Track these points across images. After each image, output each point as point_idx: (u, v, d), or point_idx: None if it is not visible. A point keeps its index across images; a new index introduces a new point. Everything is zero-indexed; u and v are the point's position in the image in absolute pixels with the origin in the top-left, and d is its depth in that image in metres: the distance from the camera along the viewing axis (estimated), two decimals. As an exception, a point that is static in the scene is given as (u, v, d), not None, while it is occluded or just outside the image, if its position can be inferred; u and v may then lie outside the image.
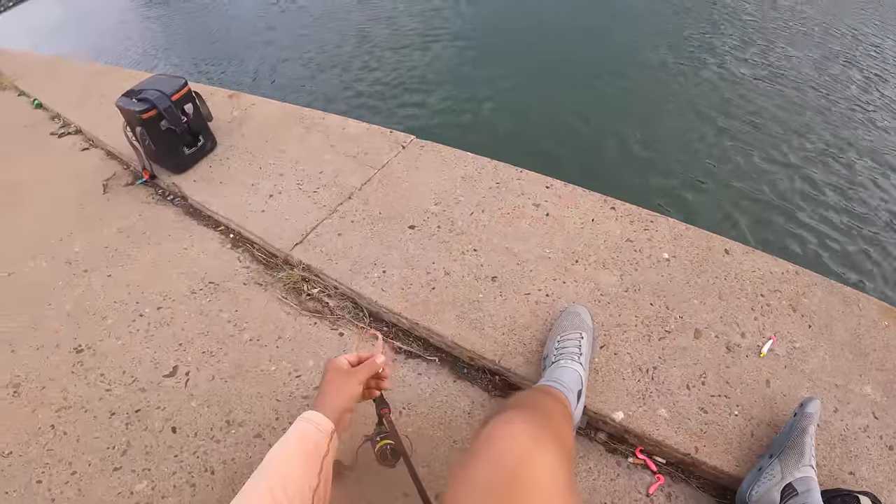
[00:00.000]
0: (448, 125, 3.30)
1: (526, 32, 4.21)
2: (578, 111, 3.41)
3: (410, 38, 4.22)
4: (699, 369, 1.30)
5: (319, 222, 1.61)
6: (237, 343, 1.46)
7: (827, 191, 3.31)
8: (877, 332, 1.47)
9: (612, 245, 1.46)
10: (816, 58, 4.31)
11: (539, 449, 0.69)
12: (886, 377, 1.39)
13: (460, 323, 1.34)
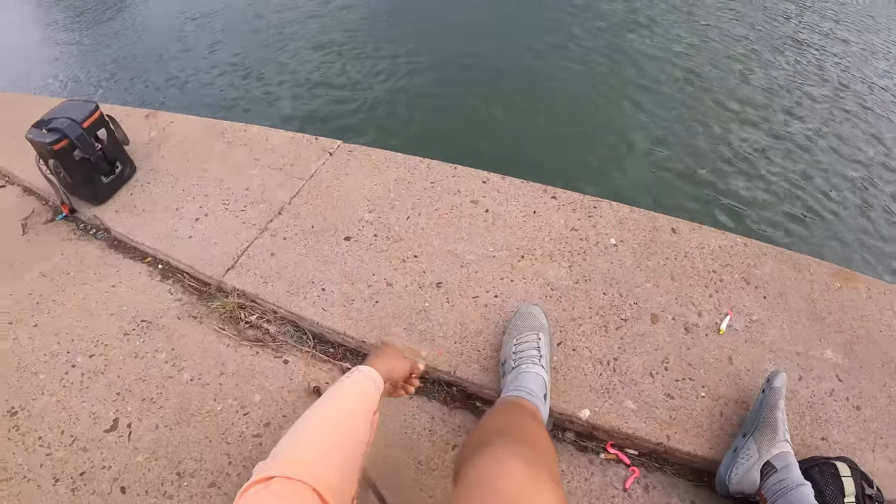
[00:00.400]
0: (375, 126, 3.21)
1: (445, 29, 4.12)
2: (504, 102, 3.37)
3: (328, 40, 4.07)
4: (660, 355, 1.26)
5: (250, 243, 1.51)
6: (177, 385, 1.36)
7: (761, 160, 3.36)
8: (830, 295, 1.47)
9: (557, 236, 1.40)
10: (730, 27, 4.34)
11: (537, 488, 0.65)
12: (845, 338, 1.38)
13: (409, 336, 1.27)
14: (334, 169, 1.62)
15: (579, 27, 4.08)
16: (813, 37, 4.44)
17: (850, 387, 1.33)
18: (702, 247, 1.45)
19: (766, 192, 3.09)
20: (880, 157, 3.60)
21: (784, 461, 1.07)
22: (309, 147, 1.71)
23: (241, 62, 3.97)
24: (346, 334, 1.31)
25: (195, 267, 1.56)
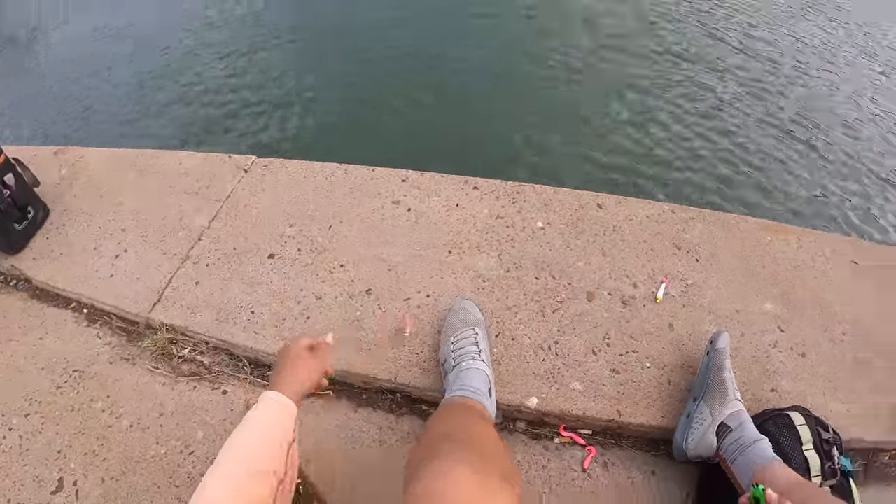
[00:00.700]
0: (289, 136, 3.12)
1: (348, 29, 4.03)
2: (417, 97, 3.32)
3: (230, 52, 3.92)
4: (601, 332, 1.26)
5: (173, 274, 1.45)
6: (118, 434, 1.31)
7: (675, 124, 3.40)
8: (762, 250, 1.48)
9: (482, 227, 1.38)
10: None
11: (487, 496, 0.65)
12: (781, 289, 1.39)
13: (345, 348, 1.24)
14: (251, 186, 1.56)
15: (483, 17, 4.05)
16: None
17: (792, 336, 1.35)
18: (630, 218, 1.45)
19: (689, 158, 3.14)
20: (791, 111, 3.71)
21: (738, 420, 1.08)
22: (223, 166, 1.64)
23: (145, 85, 3.82)
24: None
25: (120, 307, 1.49)
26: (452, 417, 0.95)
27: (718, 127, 3.44)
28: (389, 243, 1.38)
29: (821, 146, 3.43)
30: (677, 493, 1.14)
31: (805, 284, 1.49)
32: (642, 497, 1.14)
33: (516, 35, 3.82)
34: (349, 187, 1.51)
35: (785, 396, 1.28)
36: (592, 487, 1.14)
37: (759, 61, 4.04)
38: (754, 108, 3.60)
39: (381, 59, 3.61)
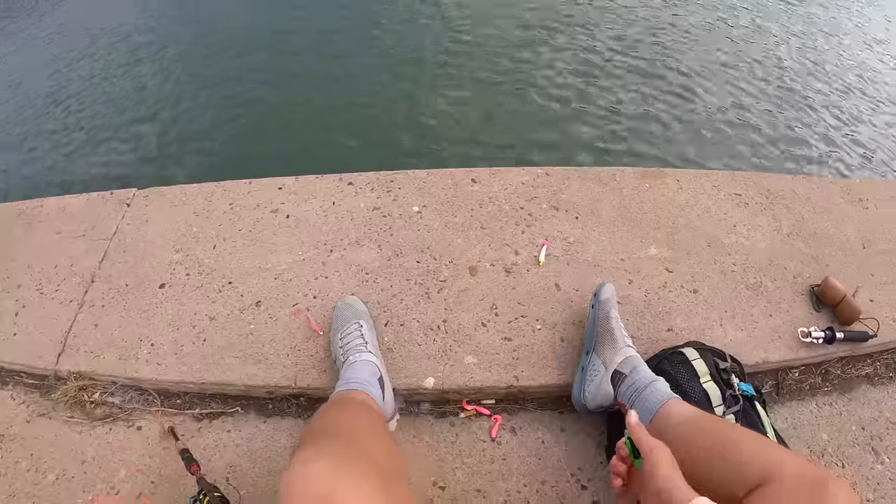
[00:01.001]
0: (168, 163, 3.11)
1: (213, 50, 4.02)
2: (285, 105, 3.38)
3: (94, 85, 3.82)
4: (487, 303, 1.30)
5: (72, 321, 1.45)
6: (46, 489, 1.32)
7: (550, 89, 3.47)
8: (641, 197, 1.53)
9: (360, 221, 1.41)
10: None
11: (340, 481, 0.67)
12: (664, 232, 1.44)
13: (244, 363, 1.27)
14: (134, 219, 1.56)
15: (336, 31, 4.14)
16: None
17: (681, 274, 1.40)
18: (505, 188, 1.49)
19: (563, 119, 3.22)
20: (658, 63, 3.84)
21: (630, 365, 1.12)
22: (106, 204, 1.64)
23: (18, 133, 3.73)
24: (185, 382, 1.30)
25: (28, 363, 1.49)
26: (329, 412, 0.99)
27: (588, 88, 3.54)
28: (273, 252, 1.40)
29: (690, 91, 3.57)
30: (590, 444, 1.19)
31: (689, 223, 1.55)
32: (554, 454, 1.19)
33: (370, 37, 3.93)
34: (228, 204, 1.52)
35: (682, 334, 1.33)
36: (503, 454, 1.19)
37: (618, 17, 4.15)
38: (624, 62, 3.71)
39: (242, 75, 3.64)
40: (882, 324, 1.39)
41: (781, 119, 3.42)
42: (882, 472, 1.21)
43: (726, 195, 1.69)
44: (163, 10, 4.62)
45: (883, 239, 1.62)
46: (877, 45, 4.42)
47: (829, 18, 4.74)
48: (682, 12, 4.32)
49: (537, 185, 1.55)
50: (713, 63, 3.82)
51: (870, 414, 1.32)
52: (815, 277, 1.46)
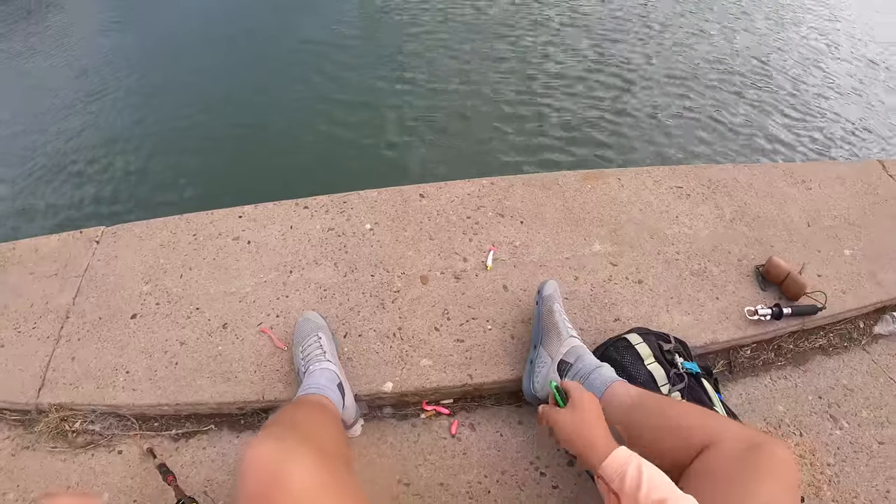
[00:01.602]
0: (134, 199, 3.22)
1: (169, 85, 4.18)
2: (240, 136, 3.51)
3: (57, 128, 3.90)
4: (439, 309, 1.38)
5: (50, 356, 1.52)
6: (32, 516, 1.38)
7: (482, 104, 3.62)
8: (584, 197, 1.62)
9: (317, 241, 1.50)
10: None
11: (286, 460, 0.73)
12: (607, 229, 1.53)
13: (214, 382, 1.34)
14: (104, 256, 1.64)
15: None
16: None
17: (625, 267, 1.49)
18: (452, 200, 1.59)
19: (505, 130, 3.36)
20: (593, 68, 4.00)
21: (575, 354, 1.20)
22: (76, 243, 1.72)
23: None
24: (160, 405, 1.37)
25: (9, 400, 1.55)
26: (284, 409, 1.07)
27: (527, 97, 3.69)
28: (236, 278, 1.49)
29: (629, 93, 3.72)
30: (546, 433, 1.28)
31: (632, 218, 1.65)
32: (512, 445, 1.27)
33: (313, 68, 4.11)
34: (192, 235, 1.61)
35: (629, 322, 1.42)
36: (464, 449, 1.27)
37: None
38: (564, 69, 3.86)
39: (197, 109, 3.76)
40: (831, 296, 1.48)
41: (724, 112, 3.56)
42: (842, 437, 1.29)
43: (667, 188, 1.78)
44: (114, 49, 4.70)
45: (828, 216, 1.72)
46: (816, 32, 4.59)
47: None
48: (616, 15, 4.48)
49: (483, 194, 1.65)
50: (651, 61, 3.96)
51: (826, 383, 1.40)
52: (760, 259, 1.55)
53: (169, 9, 5.26)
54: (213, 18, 4.93)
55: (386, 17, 4.69)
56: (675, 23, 4.50)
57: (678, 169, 1.89)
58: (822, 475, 1.23)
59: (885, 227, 1.71)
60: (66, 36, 5.12)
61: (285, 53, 4.27)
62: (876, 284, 1.55)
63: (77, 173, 3.45)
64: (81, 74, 4.41)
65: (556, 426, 0.94)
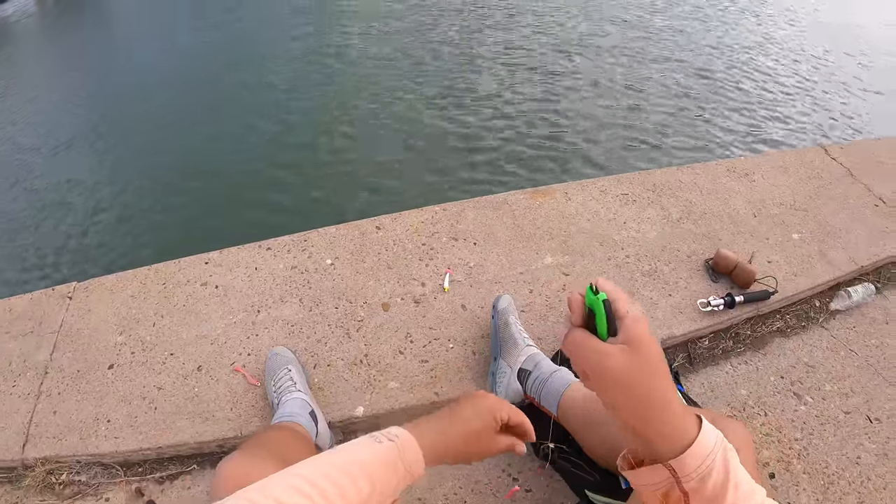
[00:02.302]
0: (103, 254, 3.30)
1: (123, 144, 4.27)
2: (190, 186, 3.62)
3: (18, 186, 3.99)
4: (402, 333, 1.46)
5: (32, 412, 1.57)
6: (24, 571, 1.41)
7: (427, 139, 3.80)
8: (533, 213, 1.71)
9: (281, 280, 1.57)
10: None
11: (254, 465, 0.82)
12: (558, 241, 1.62)
13: (193, 423, 1.40)
14: (78, 310, 1.70)
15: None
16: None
17: (577, 275, 1.58)
18: (406, 229, 1.68)
19: (457, 158, 3.51)
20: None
21: (533, 361, 1.28)
22: (49, 301, 1.77)
23: None
24: (142, 450, 1.43)
25: (-6, 458, 1.59)
26: (257, 432, 1.14)
27: (463, 124, 3.83)
28: (206, 321, 1.56)
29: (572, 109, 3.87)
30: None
31: (581, 229, 1.74)
32: None
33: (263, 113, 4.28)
34: (161, 284, 1.67)
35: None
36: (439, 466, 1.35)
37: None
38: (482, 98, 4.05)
39: (153, 161, 3.90)
40: (783, 280, 1.58)
41: (663, 118, 3.72)
42: (807, 412, 1.38)
43: (614, 196, 1.89)
44: (65, 106, 4.76)
45: (773, 204, 1.83)
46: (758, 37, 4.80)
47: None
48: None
49: (436, 220, 1.74)
50: (590, 73, 4.13)
51: (787, 363, 1.49)
52: (709, 253, 1.66)
53: (119, 62, 5.37)
54: (162, 69, 5.09)
55: (317, 62, 4.84)
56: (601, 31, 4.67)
57: (623, 177, 1.99)
58: (790, 450, 1.31)
59: (830, 209, 1.83)
60: (9, 95, 5.17)
61: (231, 100, 4.45)
62: (827, 263, 1.65)
63: (40, 232, 3.50)
64: (43, 126, 4.47)
65: (599, 368, 0.54)
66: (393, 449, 0.65)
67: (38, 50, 6.12)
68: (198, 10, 6.03)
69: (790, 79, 4.09)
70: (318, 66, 4.65)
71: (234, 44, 5.22)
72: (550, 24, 4.91)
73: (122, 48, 5.76)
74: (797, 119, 3.70)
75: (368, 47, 4.85)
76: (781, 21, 4.96)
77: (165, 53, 5.32)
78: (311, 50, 4.91)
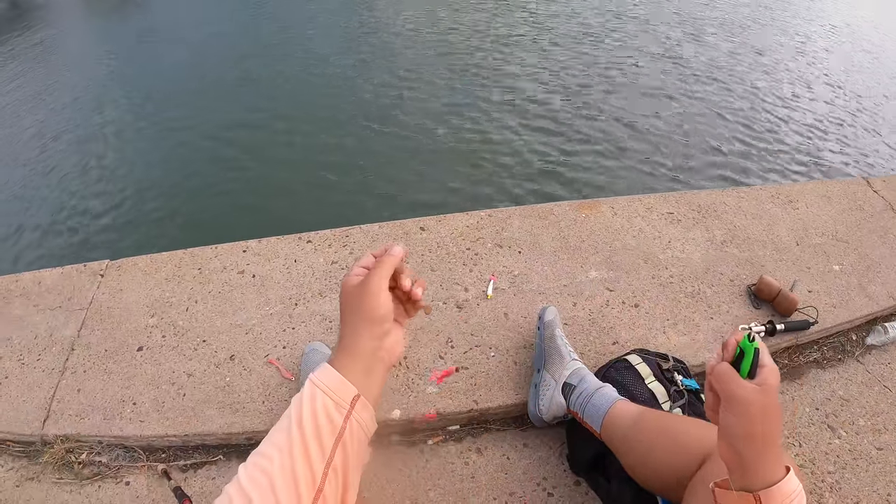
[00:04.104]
0: (138, 233, 3.27)
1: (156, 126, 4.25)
2: (236, 175, 3.59)
3: (57, 164, 3.96)
4: (443, 338, 1.42)
5: (55, 388, 1.54)
6: (36, 548, 1.38)
7: (476, 143, 3.75)
8: (579, 226, 1.67)
9: (321, 274, 1.54)
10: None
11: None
12: (603, 256, 1.59)
13: (222, 413, 1.37)
14: (109, 289, 1.67)
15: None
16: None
17: (622, 292, 1.54)
18: (452, 232, 1.64)
19: (496, 164, 3.46)
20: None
21: (578, 376, 1.24)
22: (81, 276, 1.74)
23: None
24: (167, 436, 1.40)
25: (13, 431, 1.56)
26: None
27: (524, 129, 3.77)
28: (242, 310, 1.52)
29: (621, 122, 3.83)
30: (552, 455, 1.31)
31: (626, 245, 1.70)
32: (519, 468, 1.31)
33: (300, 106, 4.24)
34: (197, 268, 1.64)
35: (626, 345, 1.47)
36: (472, 472, 1.31)
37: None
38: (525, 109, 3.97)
39: (194, 145, 3.85)
40: (822, 311, 1.54)
41: (710, 138, 3.68)
42: (840, 446, 1.35)
43: (659, 215, 1.85)
44: (124, 83, 4.75)
45: (815, 233, 1.80)
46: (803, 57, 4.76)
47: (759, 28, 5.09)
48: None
49: (481, 226, 1.70)
50: (645, 96, 4.10)
51: (822, 395, 1.46)
52: (751, 278, 1.63)
53: (176, 44, 5.34)
54: (222, 56, 5.05)
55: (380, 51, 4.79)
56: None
57: (669, 196, 1.95)
58: (823, 483, 1.28)
59: (871, 242, 1.78)
60: (71, 66, 5.15)
61: (291, 90, 4.39)
62: (866, 297, 1.61)
63: (78, 209, 3.49)
64: (94, 107, 4.46)
65: (738, 398, 0.63)
66: (307, 386, 0.63)
67: (85, 25, 6.10)
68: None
69: (834, 107, 4.04)
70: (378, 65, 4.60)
71: (301, 28, 5.15)
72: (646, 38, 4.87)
73: (180, 21, 5.68)
74: (840, 150, 3.65)
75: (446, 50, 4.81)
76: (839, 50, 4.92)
77: (221, 33, 5.27)
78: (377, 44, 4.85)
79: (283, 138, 3.79)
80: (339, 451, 0.59)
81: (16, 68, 5.24)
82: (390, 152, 3.58)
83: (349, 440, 0.60)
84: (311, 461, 0.57)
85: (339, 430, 0.60)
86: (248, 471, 0.58)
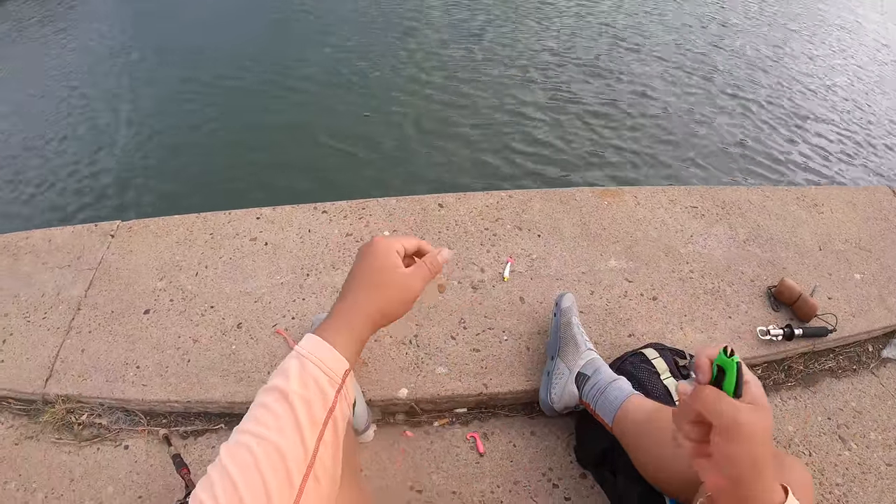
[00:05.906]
0: (150, 194, 3.24)
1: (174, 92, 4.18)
2: (253, 139, 3.53)
3: (71, 122, 3.92)
4: (456, 318, 1.38)
5: (59, 347, 1.52)
6: (34, 506, 1.37)
7: (502, 124, 3.66)
8: (601, 213, 1.63)
9: (335, 246, 1.50)
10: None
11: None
12: (623, 245, 1.54)
13: (226, 381, 1.34)
14: (119, 249, 1.64)
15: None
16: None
17: (640, 284, 1.50)
18: (470, 211, 1.59)
19: (524, 143, 3.38)
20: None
21: (593, 366, 1.20)
22: (91, 236, 1.71)
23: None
24: (169, 401, 1.37)
25: (15, 389, 1.54)
26: None
27: (548, 112, 3.71)
28: (252, 278, 1.49)
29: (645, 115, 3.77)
30: (559, 445, 1.28)
31: (647, 236, 1.66)
32: (525, 456, 1.27)
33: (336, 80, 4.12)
34: (209, 233, 1.61)
35: (642, 338, 1.43)
36: (477, 458, 1.27)
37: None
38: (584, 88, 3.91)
39: (216, 110, 3.80)
40: (841, 319, 1.49)
41: (739, 135, 3.60)
42: (850, 458, 1.31)
43: (682, 208, 1.80)
44: (141, 44, 4.73)
45: (839, 240, 1.74)
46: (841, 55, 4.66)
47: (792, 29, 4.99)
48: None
49: (501, 206, 1.65)
50: (672, 85, 4.02)
51: (835, 405, 1.41)
52: (772, 279, 1.57)
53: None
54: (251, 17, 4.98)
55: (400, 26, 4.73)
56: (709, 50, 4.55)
57: (693, 189, 1.90)
58: (830, 495, 1.24)
59: (894, 254, 1.73)
60: (97, 21, 5.17)
61: (315, 57, 4.33)
62: (885, 309, 1.56)
63: (91, 169, 3.47)
64: (108, 67, 4.44)
65: (732, 422, 0.55)
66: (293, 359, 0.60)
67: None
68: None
69: (864, 113, 3.95)
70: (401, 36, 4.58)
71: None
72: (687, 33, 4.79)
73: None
74: (869, 156, 3.57)
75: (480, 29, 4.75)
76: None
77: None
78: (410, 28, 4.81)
79: (302, 103, 3.76)
80: (329, 426, 0.57)
81: (56, 26, 5.26)
82: (416, 128, 3.52)
83: (339, 415, 0.59)
84: (303, 436, 0.54)
85: (331, 405, 0.58)
86: (231, 449, 0.54)
